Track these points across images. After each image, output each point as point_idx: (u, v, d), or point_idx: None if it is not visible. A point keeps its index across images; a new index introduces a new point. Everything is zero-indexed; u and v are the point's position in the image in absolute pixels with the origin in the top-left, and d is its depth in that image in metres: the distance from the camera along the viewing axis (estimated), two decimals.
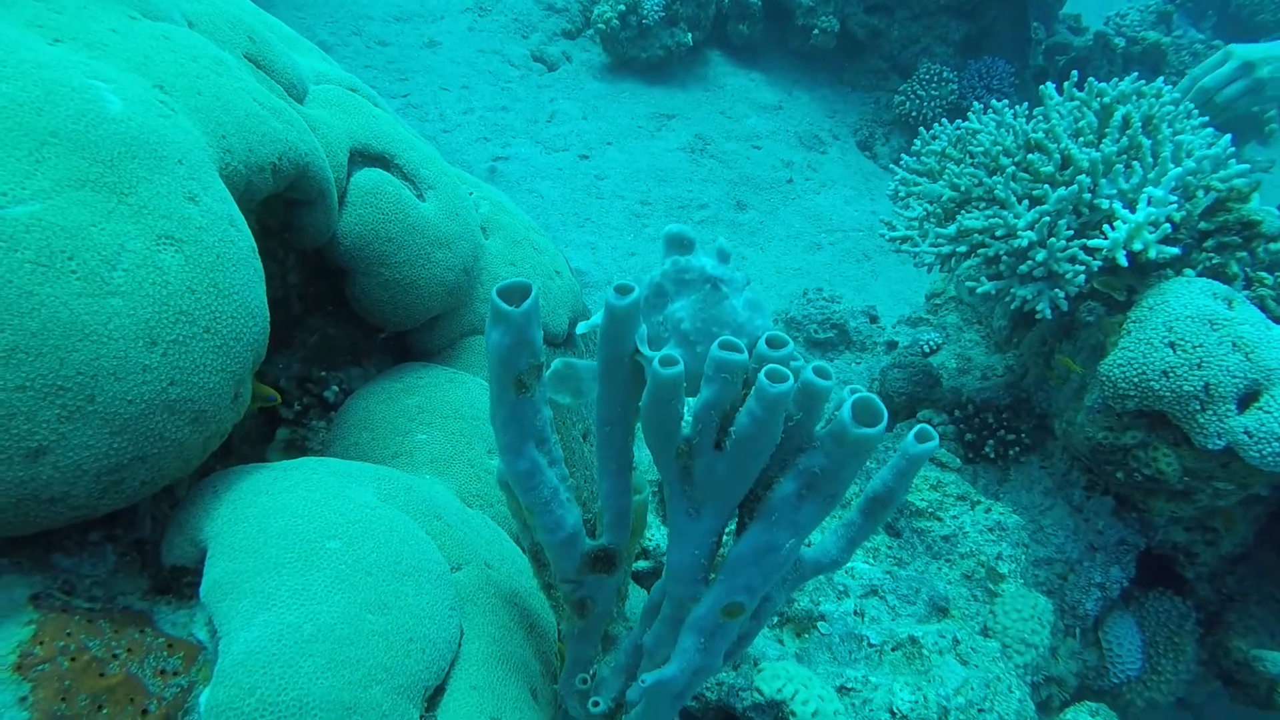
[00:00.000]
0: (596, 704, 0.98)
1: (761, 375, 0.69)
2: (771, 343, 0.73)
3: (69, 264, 0.69)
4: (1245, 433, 1.50)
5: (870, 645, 1.44)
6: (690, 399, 0.76)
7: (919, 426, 0.78)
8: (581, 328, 0.90)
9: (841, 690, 1.32)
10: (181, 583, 0.89)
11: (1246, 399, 1.51)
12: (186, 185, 0.80)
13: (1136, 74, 1.67)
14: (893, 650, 1.41)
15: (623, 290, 0.72)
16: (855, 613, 1.51)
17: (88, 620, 0.78)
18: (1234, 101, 1.84)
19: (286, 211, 1.09)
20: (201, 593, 0.80)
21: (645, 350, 0.75)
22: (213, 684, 0.73)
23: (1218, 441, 1.52)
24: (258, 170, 0.95)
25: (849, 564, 1.61)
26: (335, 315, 1.31)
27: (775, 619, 1.49)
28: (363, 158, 1.22)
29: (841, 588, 1.55)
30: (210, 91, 0.91)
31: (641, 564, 1.54)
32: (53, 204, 0.69)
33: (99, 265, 0.71)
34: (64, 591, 0.81)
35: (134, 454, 0.74)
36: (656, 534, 1.57)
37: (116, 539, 0.88)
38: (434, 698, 0.84)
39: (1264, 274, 1.67)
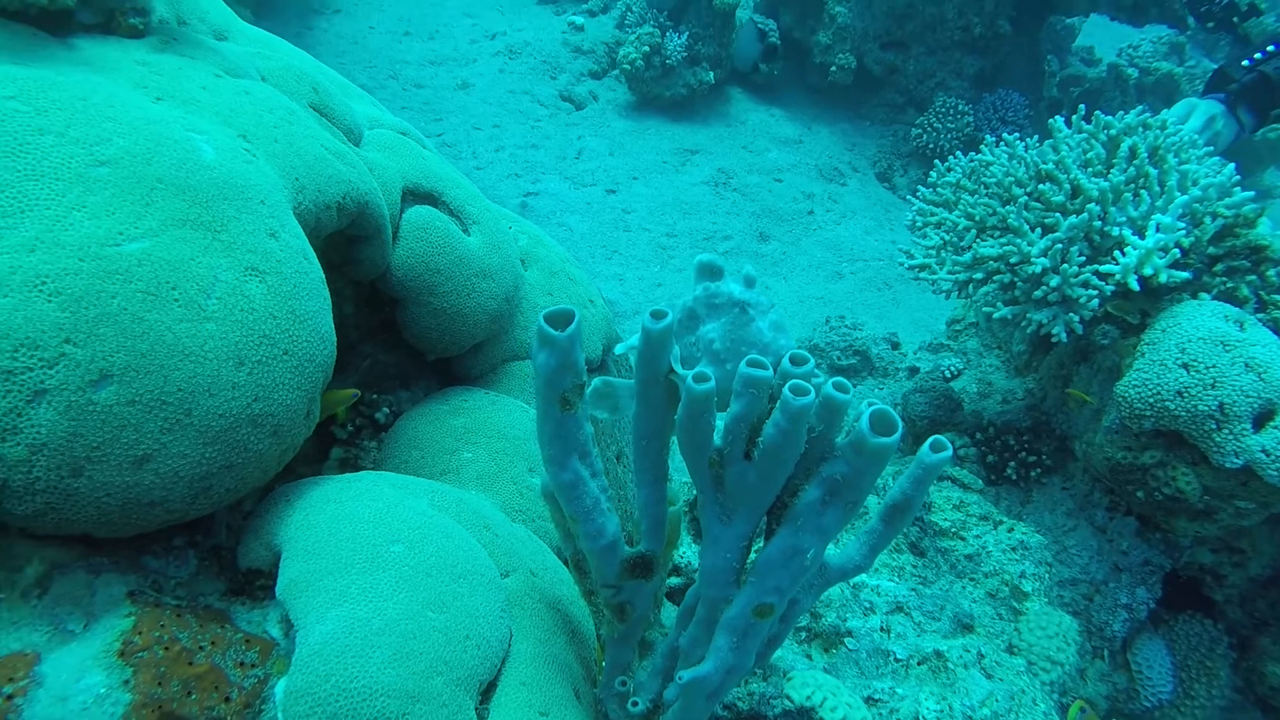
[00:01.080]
0: (635, 704, 1.04)
1: (786, 390, 0.76)
2: (794, 360, 0.81)
3: (172, 293, 0.78)
4: (1262, 451, 1.53)
5: (896, 660, 1.48)
6: (721, 414, 0.84)
7: (933, 438, 0.85)
8: (619, 349, 0.98)
9: (869, 700, 1.36)
10: (255, 585, 0.97)
11: (1262, 418, 1.55)
12: (268, 223, 0.89)
13: (1142, 107, 1.74)
14: (918, 664, 1.45)
15: (658, 315, 0.80)
16: (881, 629, 1.55)
17: (176, 615, 0.86)
18: None
19: (347, 246, 1.19)
20: (278, 590, 0.87)
21: (679, 369, 0.83)
22: (291, 670, 0.81)
23: (1235, 460, 1.55)
24: (325, 209, 1.05)
25: (875, 583, 1.66)
26: (385, 343, 1.40)
27: (804, 634, 1.54)
28: (414, 196, 1.32)
29: (868, 604, 1.60)
30: (285, 139, 1.01)
31: (674, 580, 1.60)
32: (159, 241, 0.79)
33: (197, 294, 0.80)
34: (154, 589, 0.89)
35: (222, 463, 0.83)
36: (688, 551, 1.63)
37: (197, 544, 0.97)
38: (487, 692, 0.91)
39: (1278, 297, 1.71)
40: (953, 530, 1.80)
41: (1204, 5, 2.80)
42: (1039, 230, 1.66)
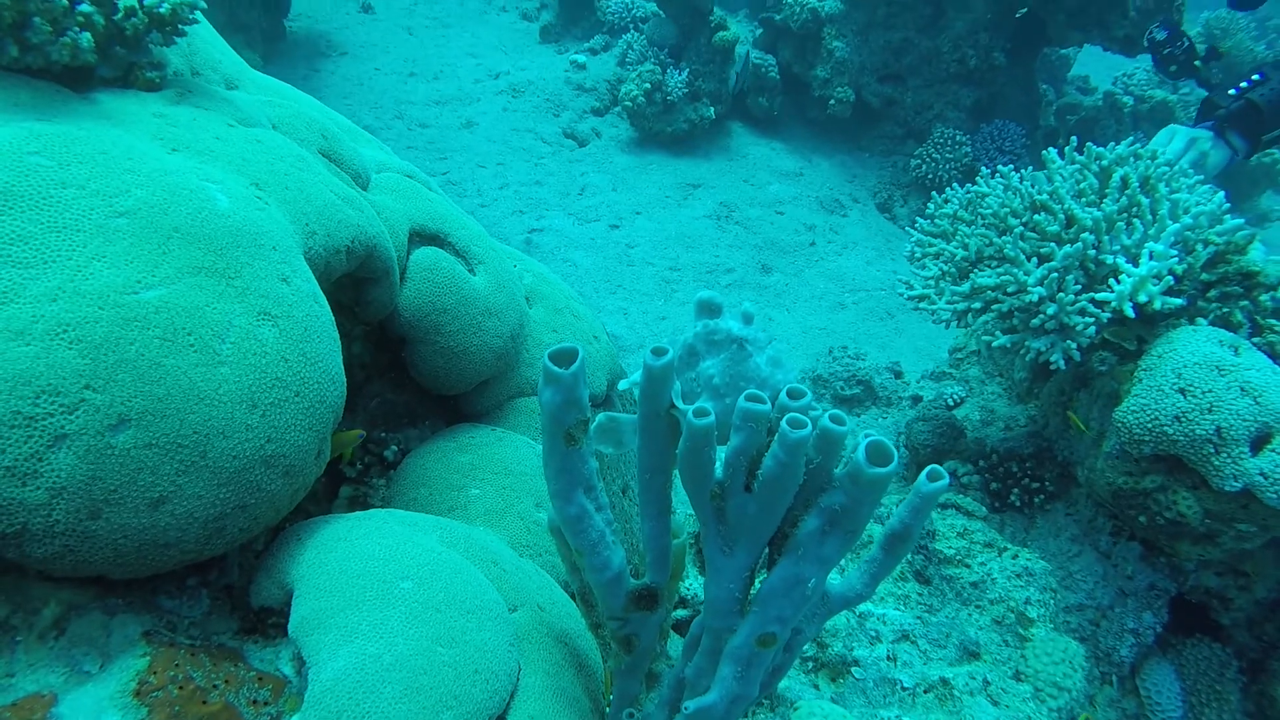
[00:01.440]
0: None
1: (783, 423, 0.78)
2: (792, 394, 0.83)
3: (188, 339, 0.81)
4: (1260, 474, 1.54)
5: (903, 688, 1.48)
6: (722, 447, 0.86)
7: (930, 467, 0.87)
8: (622, 385, 1.01)
9: None
10: (267, 624, 0.98)
11: (1259, 442, 1.56)
12: (280, 268, 0.93)
13: (1133, 138, 1.78)
14: (925, 692, 1.46)
15: (659, 352, 0.83)
16: (888, 657, 1.56)
17: (190, 654, 0.88)
18: None
19: (355, 288, 1.22)
20: (290, 628, 0.89)
21: (680, 404, 0.85)
22: (304, 708, 0.82)
23: (1234, 483, 1.56)
24: (335, 253, 1.08)
25: (881, 611, 1.66)
26: (394, 381, 1.43)
27: (810, 664, 1.55)
28: (420, 237, 1.36)
29: (874, 633, 1.60)
30: (295, 186, 1.05)
31: (680, 613, 1.60)
32: (176, 288, 0.82)
33: (212, 339, 0.83)
34: (168, 629, 0.91)
35: (236, 503, 0.85)
36: (694, 584, 1.64)
37: (210, 584, 0.98)
38: None
39: (1273, 321, 1.73)
40: (957, 558, 1.81)
41: (1166, 49, 2.92)
42: (1035, 259, 1.69)
